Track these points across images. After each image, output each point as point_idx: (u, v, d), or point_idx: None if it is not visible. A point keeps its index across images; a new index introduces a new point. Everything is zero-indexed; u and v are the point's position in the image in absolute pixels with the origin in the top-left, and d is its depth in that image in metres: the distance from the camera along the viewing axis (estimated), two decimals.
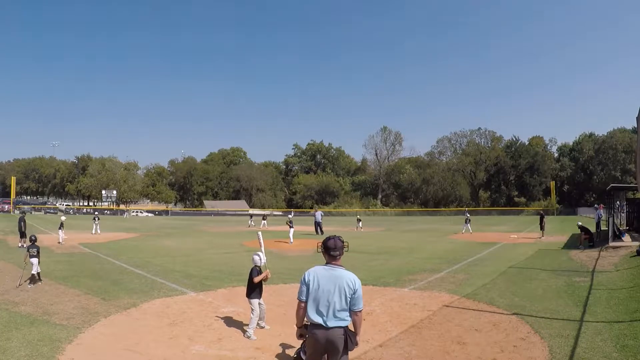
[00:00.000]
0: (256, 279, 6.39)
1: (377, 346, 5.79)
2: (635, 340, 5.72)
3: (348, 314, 3.60)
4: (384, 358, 5.37)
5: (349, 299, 3.57)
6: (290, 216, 24.95)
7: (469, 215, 27.23)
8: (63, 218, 17.88)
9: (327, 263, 3.72)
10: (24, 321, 6.81)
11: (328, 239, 3.77)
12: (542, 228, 23.15)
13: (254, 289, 6.42)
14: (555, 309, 7.61)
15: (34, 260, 10.15)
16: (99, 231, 26.26)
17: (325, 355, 3.66)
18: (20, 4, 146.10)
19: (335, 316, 3.56)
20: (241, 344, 5.91)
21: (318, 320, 3.57)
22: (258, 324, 6.42)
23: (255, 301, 6.38)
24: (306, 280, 3.66)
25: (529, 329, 6.40)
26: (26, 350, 5.46)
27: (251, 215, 39.21)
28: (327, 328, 3.54)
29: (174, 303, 8.29)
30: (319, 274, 3.65)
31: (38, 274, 10.23)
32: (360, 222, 32.51)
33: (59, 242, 19.49)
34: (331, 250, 3.67)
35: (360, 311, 3.63)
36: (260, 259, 6.55)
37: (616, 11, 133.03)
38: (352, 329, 3.69)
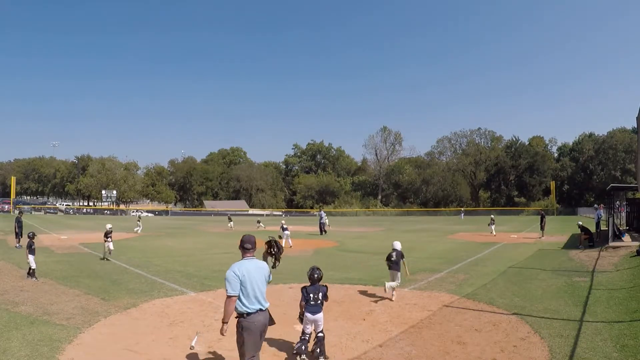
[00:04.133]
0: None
1: (377, 346, 5.80)
2: (635, 340, 5.72)
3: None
4: (384, 358, 5.37)
5: (266, 282, 4.32)
6: (282, 222, 24.39)
7: (493, 216, 26.98)
8: (109, 226, 15.38)
9: (244, 257, 4.27)
10: (24, 321, 6.81)
11: (244, 236, 4.39)
12: (542, 228, 23.15)
13: None
14: (555, 309, 7.61)
15: (31, 257, 10.50)
16: (139, 230, 27.26)
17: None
18: (20, 4, 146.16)
19: (265, 299, 4.24)
20: None
21: (257, 306, 4.13)
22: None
23: None
24: (239, 275, 4.06)
25: (529, 329, 6.40)
26: (26, 350, 5.46)
27: (230, 218, 34.58)
28: (264, 310, 4.19)
29: (174, 303, 8.29)
30: (247, 267, 4.15)
31: (33, 270, 10.48)
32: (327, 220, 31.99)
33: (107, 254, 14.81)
34: (245, 244, 4.27)
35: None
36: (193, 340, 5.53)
37: (616, 11, 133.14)
38: None
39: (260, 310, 4.14)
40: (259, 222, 34.94)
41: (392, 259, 8.82)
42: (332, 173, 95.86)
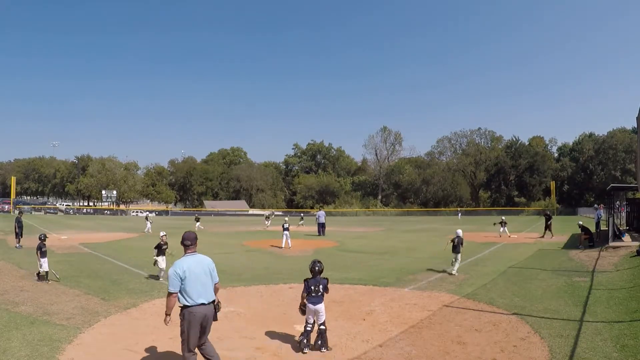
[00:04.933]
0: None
1: (377, 346, 5.80)
2: (635, 340, 5.72)
3: (212, 290, 4.52)
4: (384, 358, 5.37)
5: (211, 276, 4.50)
6: (285, 219, 24.24)
7: (504, 217, 26.21)
8: (163, 234, 12.95)
9: (186, 253, 4.51)
10: (24, 321, 6.81)
11: (184, 233, 4.62)
12: (547, 228, 23.14)
13: None
14: (555, 309, 7.61)
15: (43, 260, 10.27)
16: (150, 231, 27.23)
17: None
18: (20, 4, 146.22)
19: (208, 293, 4.43)
20: (241, 343, 5.91)
21: (199, 300, 4.34)
22: None
23: None
24: (180, 273, 4.31)
25: (529, 329, 6.40)
26: (26, 350, 5.46)
27: (197, 218, 32.94)
28: (206, 304, 4.38)
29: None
30: (189, 263, 4.39)
31: (46, 272, 10.28)
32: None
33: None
34: (185, 240, 4.51)
35: (217, 282, 4.63)
36: None
37: (616, 11, 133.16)
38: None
39: (202, 304, 4.35)
40: (267, 218, 34.92)
41: (455, 243, 11.77)
42: (332, 173, 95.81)
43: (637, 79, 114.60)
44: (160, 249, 10.68)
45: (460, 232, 12.03)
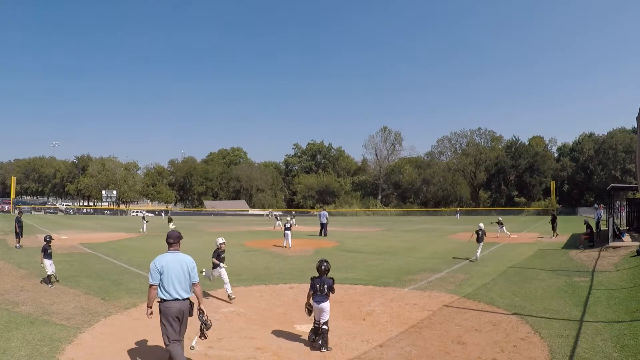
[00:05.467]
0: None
1: (377, 346, 5.80)
2: (635, 340, 5.72)
3: (189, 288, 4.70)
4: (384, 358, 5.37)
5: (189, 275, 4.67)
6: (288, 218, 24.27)
7: (500, 218, 26.10)
8: (220, 241, 12.55)
9: (168, 250, 4.75)
10: (24, 321, 6.81)
11: (169, 232, 4.92)
12: (553, 228, 23.49)
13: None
14: (555, 309, 7.61)
15: (47, 262, 9.95)
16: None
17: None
18: (21, 4, 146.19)
19: (184, 290, 4.63)
20: (241, 343, 5.91)
21: (174, 295, 4.56)
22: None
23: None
24: (158, 267, 4.59)
25: (529, 329, 6.40)
26: (26, 350, 5.46)
27: (144, 217, 30.63)
28: (181, 300, 4.59)
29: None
30: (167, 259, 4.65)
31: (51, 275, 10.00)
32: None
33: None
34: (168, 239, 4.78)
35: (197, 283, 4.76)
36: None
37: (616, 11, 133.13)
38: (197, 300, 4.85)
39: (177, 299, 4.58)
40: (277, 218, 34.77)
41: (478, 235, 14.55)
42: (332, 173, 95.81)
43: (637, 79, 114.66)
44: (219, 257, 9.06)
45: (482, 225, 15.01)
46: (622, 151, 72.60)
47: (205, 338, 5.23)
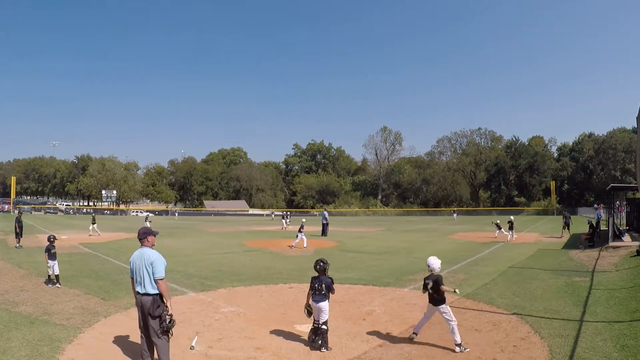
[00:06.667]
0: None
1: (377, 346, 5.80)
2: (635, 340, 5.72)
3: (152, 282, 4.76)
4: (384, 358, 5.37)
5: (150, 270, 4.75)
6: (303, 220, 23.62)
7: (498, 221, 24.91)
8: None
9: (141, 247, 4.94)
10: (24, 321, 6.81)
11: (140, 228, 5.13)
12: (567, 227, 23.84)
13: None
14: (555, 309, 7.61)
15: (51, 262, 9.83)
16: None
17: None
18: (20, 4, 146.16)
19: (145, 285, 4.76)
20: (241, 343, 5.91)
21: (139, 289, 4.83)
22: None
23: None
24: (130, 262, 4.94)
25: (529, 329, 6.40)
26: (26, 350, 5.45)
27: (94, 219, 26.46)
28: (142, 294, 4.78)
29: (174, 303, 8.19)
30: (135, 255, 4.94)
31: (56, 276, 9.84)
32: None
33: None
34: (138, 235, 4.97)
35: (160, 279, 4.76)
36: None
37: (616, 11, 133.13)
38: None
39: (139, 293, 4.82)
40: (284, 217, 34.92)
41: (510, 225, 20.93)
42: (332, 173, 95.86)
43: (637, 79, 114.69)
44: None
45: (512, 217, 20.89)
46: (622, 151, 72.63)
47: (169, 335, 4.97)
